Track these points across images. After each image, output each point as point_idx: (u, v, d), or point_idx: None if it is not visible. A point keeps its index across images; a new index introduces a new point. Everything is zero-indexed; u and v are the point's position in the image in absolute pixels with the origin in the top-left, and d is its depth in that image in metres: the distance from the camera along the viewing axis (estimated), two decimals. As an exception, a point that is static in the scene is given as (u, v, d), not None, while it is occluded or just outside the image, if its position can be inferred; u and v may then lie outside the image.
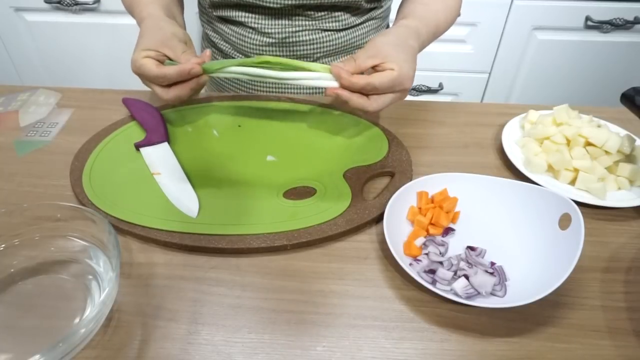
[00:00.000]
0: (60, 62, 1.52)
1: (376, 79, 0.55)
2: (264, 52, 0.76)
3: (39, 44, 1.48)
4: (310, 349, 0.43)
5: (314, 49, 0.76)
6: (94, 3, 1.37)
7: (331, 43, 0.76)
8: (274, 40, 0.75)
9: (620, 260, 0.52)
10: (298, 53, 0.76)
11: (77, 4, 1.38)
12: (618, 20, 1.33)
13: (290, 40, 0.74)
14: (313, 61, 0.78)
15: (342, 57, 0.79)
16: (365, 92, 0.56)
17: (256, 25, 0.74)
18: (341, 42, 0.77)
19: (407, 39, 0.61)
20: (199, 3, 0.82)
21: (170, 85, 0.60)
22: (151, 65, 0.59)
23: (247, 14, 0.74)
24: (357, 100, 0.56)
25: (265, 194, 0.58)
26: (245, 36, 0.76)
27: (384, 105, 0.57)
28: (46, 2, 1.37)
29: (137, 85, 0.78)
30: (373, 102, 0.57)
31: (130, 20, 1.46)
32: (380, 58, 0.57)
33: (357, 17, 0.76)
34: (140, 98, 0.73)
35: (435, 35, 0.69)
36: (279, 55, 0.76)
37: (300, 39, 0.74)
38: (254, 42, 0.75)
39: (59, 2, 1.37)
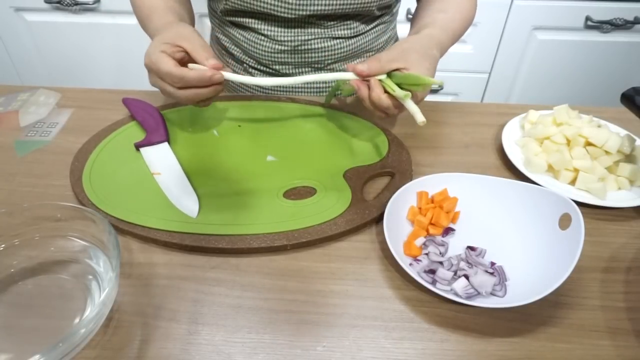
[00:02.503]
0: (60, 62, 1.52)
1: None
2: (276, 59, 0.77)
3: (39, 44, 1.48)
4: (310, 349, 0.43)
5: (324, 55, 0.76)
6: (94, 3, 1.37)
7: (342, 50, 0.77)
8: (286, 48, 0.75)
9: (620, 260, 0.52)
10: (309, 60, 0.77)
11: (77, 4, 1.37)
12: (618, 20, 1.33)
13: (302, 48, 0.75)
14: (323, 67, 0.78)
15: (351, 62, 0.80)
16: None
17: (269, 33, 0.74)
18: (351, 49, 0.78)
19: (431, 48, 0.61)
20: (210, 7, 0.82)
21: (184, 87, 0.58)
22: (168, 62, 0.56)
23: (260, 22, 0.74)
24: (379, 93, 0.56)
25: (265, 194, 0.58)
26: (257, 43, 0.76)
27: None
28: (46, 2, 1.37)
29: (137, 85, 0.78)
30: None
31: (130, 20, 1.46)
32: (403, 62, 0.57)
33: (367, 24, 0.77)
34: (140, 98, 0.73)
35: (453, 43, 0.71)
36: (291, 62, 0.77)
37: (312, 46, 0.75)
38: (266, 49, 0.76)
39: (59, 2, 1.37)
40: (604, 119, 0.69)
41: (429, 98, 0.70)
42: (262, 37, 0.75)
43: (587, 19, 1.34)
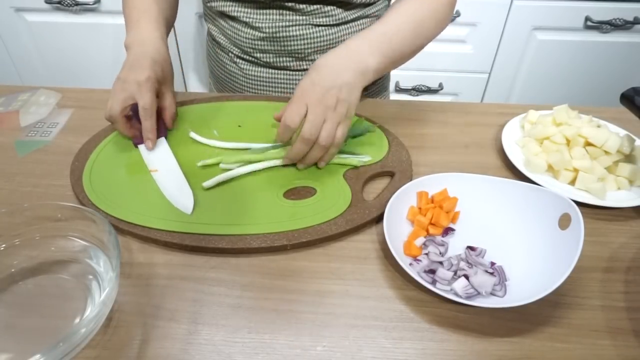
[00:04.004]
0: (60, 62, 1.52)
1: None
2: (256, 46, 0.77)
3: (39, 44, 1.48)
4: (310, 349, 0.43)
5: (305, 44, 0.76)
6: (94, 3, 1.37)
7: (323, 39, 0.76)
8: (265, 35, 0.75)
9: (620, 260, 0.52)
10: (289, 48, 0.76)
11: (77, 4, 1.37)
12: (618, 20, 1.33)
13: (281, 34, 0.75)
14: (304, 57, 0.78)
15: None
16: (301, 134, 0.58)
17: (247, 20, 0.75)
18: (333, 38, 0.77)
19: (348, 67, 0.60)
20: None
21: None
22: (123, 125, 0.64)
23: (238, 8, 0.75)
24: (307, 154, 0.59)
25: (265, 194, 0.58)
26: (239, 30, 0.77)
27: (326, 129, 0.57)
28: (46, 2, 1.37)
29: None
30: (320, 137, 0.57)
31: (130, 21, 1.45)
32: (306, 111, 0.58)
33: (349, 13, 0.76)
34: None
35: (405, 34, 0.65)
36: (271, 50, 0.77)
37: (291, 33, 0.75)
38: (247, 35, 0.76)
39: (59, 3, 1.37)
40: (603, 119, 0.69)
41: (430, 98, 0.70)
42: (243, 24, 0.76)
43: (587, 19, 1.34)
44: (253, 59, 0.80)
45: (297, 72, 0.80)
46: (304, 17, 0.74)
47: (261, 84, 0.82)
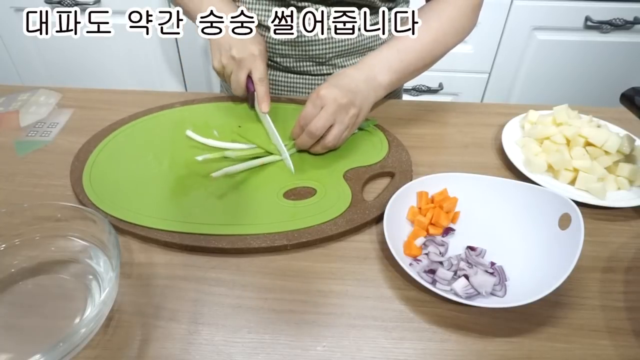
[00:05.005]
0: (60, 62, 1.52)
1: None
2: (277, 50, 0.77)
3: (39, 44, 1.48)
4: (310, 349, 0.43)
5: (327, 48, 0.76)
6: (94, 3, 1.37)
7: (345, 42, 0.76)
8: (286, 39, 0.75)
9: (619, 260, 0.52)
10: (310, 53, 0.77)
11: (77, 4, 1.37)
12: (618, 20, 1.33)
13: (302, 39, 0.75)
14: (325, 62, 0.78)
15: (354, 58, 0.79)
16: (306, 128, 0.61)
17: (268, 24, 0.75)
18: (355, 42, 0.77)
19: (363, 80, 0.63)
20: None
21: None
22: (264, 68, 0.67)
23: (260, 11, 0.74)
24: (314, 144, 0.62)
25: (265, 194, 0.58)
26: (258, 33, 0.76)
27: (334, 132, 0.61)
28: (46, 2, 1.37)
29: (137, 84, 0.78)
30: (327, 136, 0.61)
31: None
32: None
33: (371, 17, 0.76)
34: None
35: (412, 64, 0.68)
36: (292, 54, 0.77)
37: (312, 38, 0.75)
38: (267, 40, 0.76)
39: (59, 3, 1.37)
40: (603, 119, 0.69)
41: (430, 98, 0.70)
42: (263, 27, 0.76)
43: (587, 19, 1.34)
44: (272, 64, 0.80)
45: (316, 77, 0.80)
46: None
47: (279, 88, 0.82)
